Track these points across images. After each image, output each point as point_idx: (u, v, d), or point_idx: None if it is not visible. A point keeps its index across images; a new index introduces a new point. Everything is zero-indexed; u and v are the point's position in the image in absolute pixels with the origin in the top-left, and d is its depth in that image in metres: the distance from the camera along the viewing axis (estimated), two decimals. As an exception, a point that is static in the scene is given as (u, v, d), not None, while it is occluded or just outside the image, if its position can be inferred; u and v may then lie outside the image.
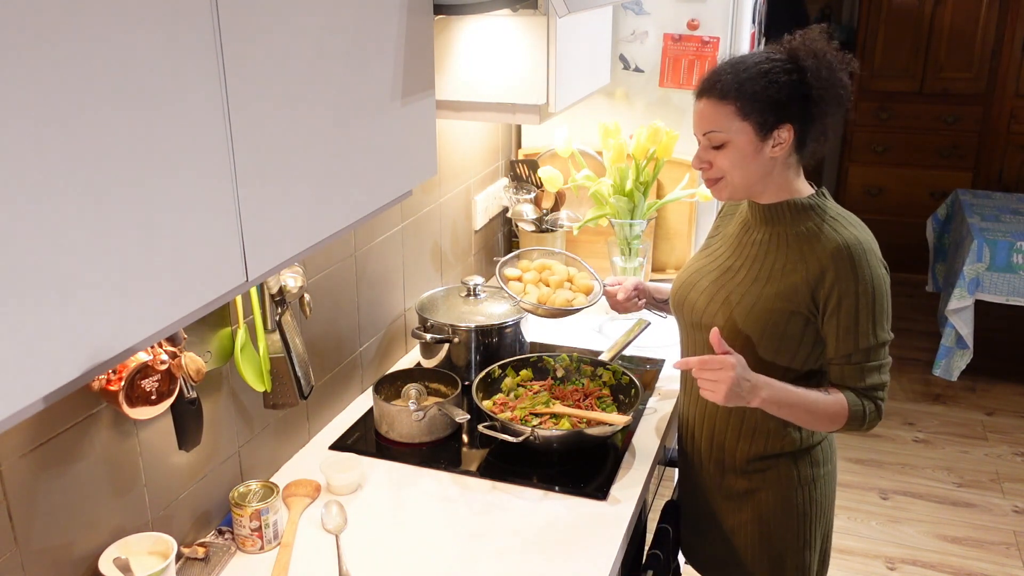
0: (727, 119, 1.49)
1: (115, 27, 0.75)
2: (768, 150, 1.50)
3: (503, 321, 2.02)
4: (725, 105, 1.49)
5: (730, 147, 1.50)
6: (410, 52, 1.27)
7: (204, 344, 1.44)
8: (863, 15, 4.99)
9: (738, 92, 1.47)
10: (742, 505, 1.67)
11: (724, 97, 1.49)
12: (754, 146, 1.50)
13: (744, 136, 1.49)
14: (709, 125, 1.51)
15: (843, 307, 1.48)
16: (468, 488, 1.66)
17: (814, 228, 1.52)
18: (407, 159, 1.31)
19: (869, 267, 1.48)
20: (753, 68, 1.49)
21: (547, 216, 2.52)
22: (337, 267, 1.84)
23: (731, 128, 1.49)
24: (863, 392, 1.52)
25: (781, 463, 1.62)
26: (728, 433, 1.65)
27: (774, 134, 1.49)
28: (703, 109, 1.52)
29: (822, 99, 1.48)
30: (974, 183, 5.06)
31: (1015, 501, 3.30)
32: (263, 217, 0.99)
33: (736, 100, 1.48)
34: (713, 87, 1.50)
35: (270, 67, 0.97)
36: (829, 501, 1.69)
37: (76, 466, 1.24)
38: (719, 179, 1.55)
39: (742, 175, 1.52)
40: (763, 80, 1.47)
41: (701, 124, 1.53)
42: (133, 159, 0.79)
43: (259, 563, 1.47)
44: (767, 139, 1.49)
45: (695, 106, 1.54)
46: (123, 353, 0.82)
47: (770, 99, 1.47)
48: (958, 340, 3.87)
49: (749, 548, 1.68)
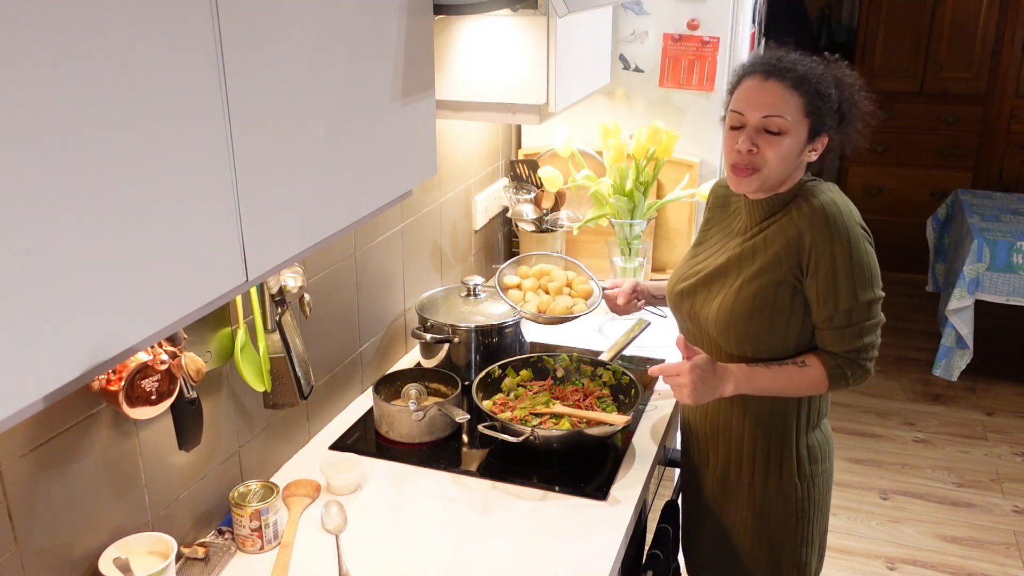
0: (795, 109, 1.45)
1: (115, 28, 0.75)
2: (806, 154, 1.50)
3: (503, 321, 2.02)
4: (796, 96, 1.45)
5: (784, 138, 1.46)
6: (410, 52, 1.27)
7: (204, 344, 1.44)
8: (863, 15, 4.99)
9: (809, 88, 1.45)
10: (740, 503, 1.67)
11: (798, 87, 1.45)
12: (801, 146, 1.48)
13: (798, 133, 1.46)
14: (776, 108, 1.45)
15: (821, 268, 1.47)
16: (468, 488, 1.66)
17: (794, 204, 1.53)
18: (407, 159, 1.31)
19: (846, 227, 1.47)
20: (817, 70, 1.47)
21: (547, 216, 2.52)
22: (337, 267, 1.84)
23: (795, 119, 1.45)
24: (846, 356, 1.50)
25: (779, 460, 1.62)
26: (727, 431, 1.65)
27: (816, 140, 1.49)
28: (773, 90, 1.45)
29: (851, 117, 1.50)
30: (974, 183, 5.06)
31: (1015, 501, 3.30)
32: (263, 217, 0.99)
33: (806, 95, 1.45)
34: (786, 72, 1.45)
35: (270, 67, 0.97)
36: (826, 499, 1.69)
37: (76, 466, 1.24)
38: (756, 170, 1.48)
39: (781, 171, 1.49)
40: (824, 84, 1.46)
41: (765, 105, 1.45)
42: (133, 159, 0.79)
43: (259, 563, 1.47)
44: (810, 143, 1.49)
45: (756, 83, 1.47)
46: (123, 353, 0.82)
47: (828, 106, 1.47)
48: (958, 340, 3.87)
49: (747, 546, 1.68)
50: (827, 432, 1.68)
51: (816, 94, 1.45)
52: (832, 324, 1.49)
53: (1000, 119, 4.94)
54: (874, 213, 5.31)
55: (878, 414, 3.90)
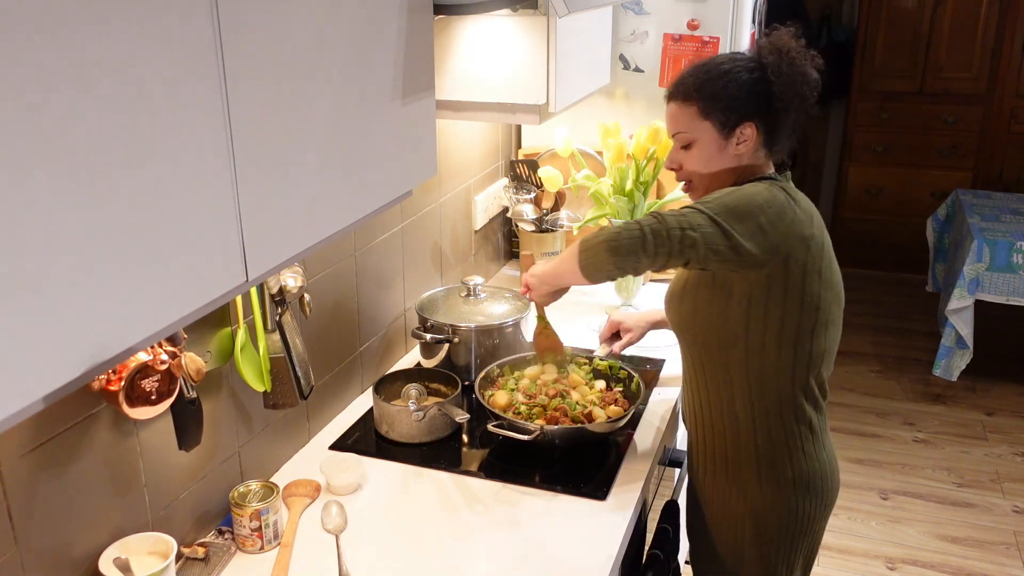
0: (691, 120, 1.56)
1: (113, 24, 0.75)
2: (733, 148, 1.55)
3: (503, 321, 2.02)
4: (688, 106, 1.56)
5: (696, 147, 1.58)
6: (410, 52, 1.27)
7: (204, 344, 1.44)
8: (863, 15, 4.99)
9: (699, 93, 1.55)
10: (738, 500, 1.66)
11: (687, 99, 1.57)
12: (718, 145, 1.56)
13: (708, 135, 1.56)
14: (676, 126, 1.59)
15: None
16: (468, 488, 1.66)
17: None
18: (407, 159, 1.31)
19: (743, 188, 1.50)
20: (715, 69, 1.55)
21: (547, 216, 2.52)
22: (337, 267, 1.84)
23: (695, 128, 1.56)
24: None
25: (779, 461, 1.62)
26: (728, 431, 1.64)
27: (737, 132, 1.54)
28: (671, 112, 1.60)
29: (784, 95, 1.51)
30: (974, 183, 5.06)
31: (1015, 501, 3.30)
32: (263, 217, 0.99)
33: (698, 101, 1.55)
34: (677, 90, 1.59)
35: (270, 67, 0.97)
36: (820, 528, 1.68)
37: (76, 466, 1.24)
38: (689, 182, 1.62)
39: (709, 175, 1.58)
40: (722, 80, 1.53)
41: (669, 126, 1.61)
42: (132, 159, 0.79)
43: (259, 563, 1.47)
44: (731, 137, 1.55)
45: (665, 110, 1.62)
46: (123, 353, 0.82)
47: (730, 98, 1.53)
48: (958, 340, 3.87)
49: (743, 544, 1.68)
50: (826, 470, 1.63)
51: (710, 97, 1.53)
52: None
53: (1000, 119, 4.94)
54: (874, 213, 5.31)
55: (878, 414, 3.90)
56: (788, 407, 1.58)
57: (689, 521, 1.83)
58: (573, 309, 2.44)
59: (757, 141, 1.54)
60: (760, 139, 1.54)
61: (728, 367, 1.58)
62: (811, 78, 1.53)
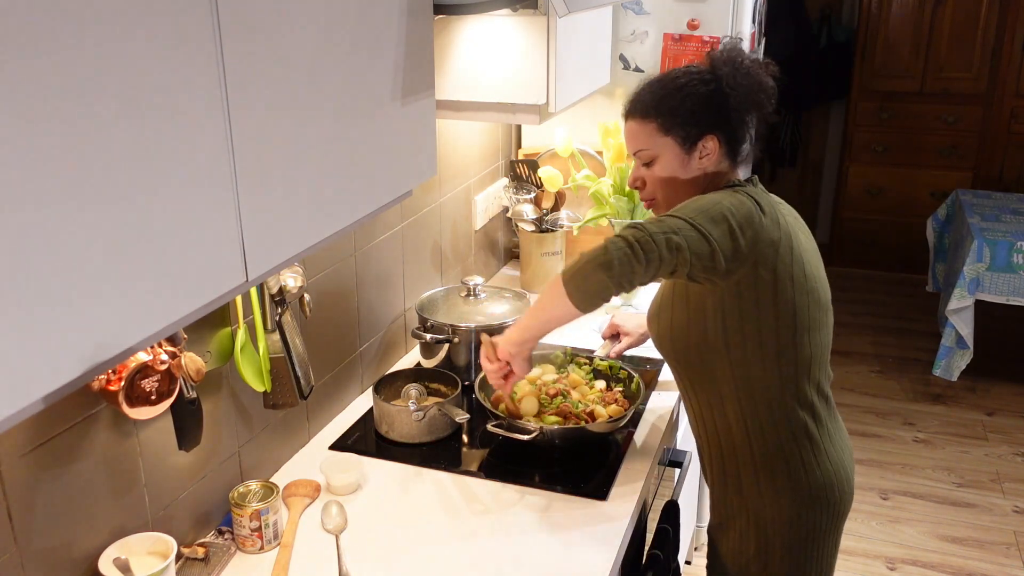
0: (651, 137, 1.54)
1: (115, 27, 0.75)
2: (696, 162, 1.54)
3: (503, 321, 2.02)
4: (647, 123, 1.54)
5: (659, 163, 1.55)
6: (410, 52, 1.27)
7: (204, 344, 1.44)
8: (863, 15, 4.99)
9: (657, 109, 1.53)
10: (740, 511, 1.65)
11: (645, 116, 1.54)
12: (680, 160, 1.54)
13: (670, 151, 1.53)
14: (636, 144, 1.56)
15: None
16: (468, 488, 1.66)
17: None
18: (407, 159, 1.31)
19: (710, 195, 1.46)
20: (671, 84, 1.54)
21: (547, 216, 2.52)
22: (337, 267, 1.84)
23: (656, 144, 1.54)
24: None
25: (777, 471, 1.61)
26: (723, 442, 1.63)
27: (699, 145, 1.52)
28: (630, 129, 1.57)
29: (740, 106, 1.51)
30: (974, 183, 5.06)
31: (1015, 501, 3.30)
32: (263, 217, 0.99)
33: (656, 117, 1.53)
34: (635, 107, 1.56)
35: (270, 67, 0.97)
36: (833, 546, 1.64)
37: (76, 466, 1.24)
38: (652, 199, 1.59)
39: (673, 190, 1.55)
40: (679, 95, 1.52)
41: (629, 144, 1.58)
42: (133, 159, 0.79)
43: (259, 563, 1.47)
44: (693, 151, 1.53)
45: (625, 128, 1.59)
46: (123, 353, 0.82)
47: (688, 112, 1.51)
48: (958, 340, 3.87)
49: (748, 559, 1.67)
50: (831, 480, 1.60)
51: (668, 112, 1.51)
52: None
53: (1000, 119, 4.94)
54: (874, 213, 5.31)
55: (878, 414, 3.90)
56: (781, 416, 1.54)
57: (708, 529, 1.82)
58: (573, 309, 2.43)
59: (720, 153, 1.53)
60: (723, 150, 1.53)
61: (715, 381, 1.54)
62: (767, 86, 1.52)
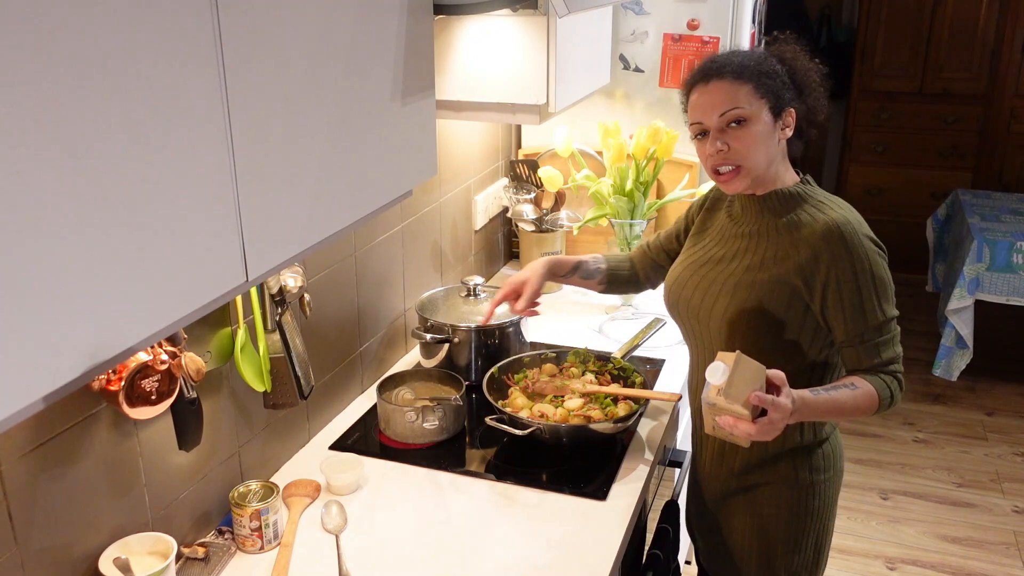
0: (748, 96, 1.47)
1: (115, 27, 0.75)
2: (779, 133, 1.52)
3: (503, 321, 2.02)
4: (742, 84, 1.47)
5: (750, 125, 1.47)
6: (410, 52, 1.27)
7: (204, 344, 1.44)
8: (863, 15, 4.99)
9: (752, 72, 1.48)
10: (741, 502, 1.66)
11: (739, 76, 1.47)
12: (770, 126, 1.50)
13: (763, 115, 1.48)
14: (729, 103, 1.46)
15: (844, 289, 1.46)
16: (468, 488, 1.66)
17: (802, 214, 1.52)
18: (407, 159, 1.31)
19: (862, 245, 1.47)
20: (754, 55, 1.53)
21: (547, 216, 2.52)
22: (337, 267, 1.84)
23: (753, 105, 1.47)
24: (882, 369, 1.49)
25: (781, 464, 1.62)
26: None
27: (783, 116, 1.51)
28: (719, 89, 1.47)
29: (806, 84, 1.54)
30: (974, 183, 5.06)
31: (1015, 501, 3.30)
32: (263, 217, 0.99)
33: (752, 79, 1.47)
34: (724, 69, 1.49)
35: (270, 67, 0.97)
36: (827, 511, 1.66)
37: (76, 466, 1.24)
38: (737, 168, 1.49)
39: (762, 158, 1.49)
40: (767, 64, 1.51)
41: (717, 104, 1.47)
42: (133, 159, 0.79)
43: (259, 563, 1.47)
44: (778, 121, 1.51)
45: (702, 90, 1.50)
46: (123, 353, 0.82)
47: (780, 80, 1.50)
48: (958, 340, 3.87)
49: (743, 545, 1.67)
50: (836, 446, 1.66)
51: (762, 74, 1.48)
52: (864, 340, 1.48)
53: (1000, 119, 4.94)
54: (874, 213, 5.31)
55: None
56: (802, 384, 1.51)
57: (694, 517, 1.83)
58: (573, 309, 2.44)
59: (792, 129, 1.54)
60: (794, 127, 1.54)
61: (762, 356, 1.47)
62: (824, 73, 1.57)
